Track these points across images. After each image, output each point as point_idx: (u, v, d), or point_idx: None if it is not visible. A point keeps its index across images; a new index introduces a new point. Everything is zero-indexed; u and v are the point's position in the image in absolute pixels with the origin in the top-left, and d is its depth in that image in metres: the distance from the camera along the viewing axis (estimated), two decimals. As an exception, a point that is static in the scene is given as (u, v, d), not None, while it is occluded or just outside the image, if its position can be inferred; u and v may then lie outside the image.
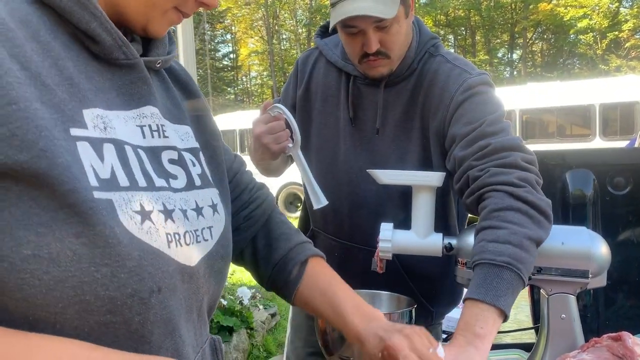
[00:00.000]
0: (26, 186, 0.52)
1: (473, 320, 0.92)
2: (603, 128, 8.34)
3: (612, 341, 0.97)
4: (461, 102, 1.19)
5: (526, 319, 2.00)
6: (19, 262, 0.51)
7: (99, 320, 0.56)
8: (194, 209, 0.69)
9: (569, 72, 24.78)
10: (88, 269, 0.54)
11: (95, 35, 0.62)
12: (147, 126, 0.67)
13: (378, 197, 1.31)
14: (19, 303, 0.52)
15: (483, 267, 0.96)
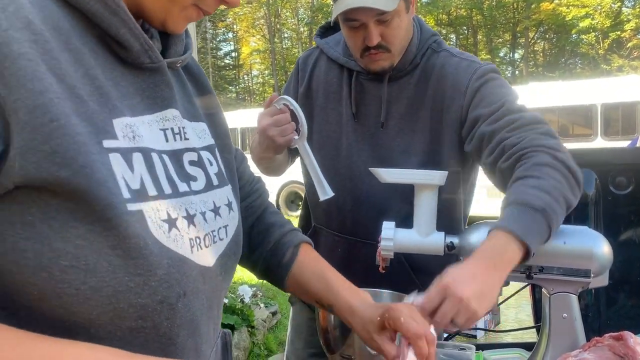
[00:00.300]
0: (64, 200, 0.53)
1: (496, 247, 0.94)
2: (605, 128, 8.32)
3: (613, 341, 0.97)
4: (477, 89, 1.23)
5: (527, 318, 2.01)
6: (58, 273, 0.53)
7: (131, 326, 0.58)
8: (212, 210, 0.71)
9: (571, 72, 24.75)
10: (122, 278, 0.56)
11: (124, 41, 0.62)
12: (169, 129, 0.68)
13: (382, 192, 1.30)
14: (57, 310, 0.54)
15: (519, 207, 0.98)
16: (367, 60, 1.29)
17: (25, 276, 0.53)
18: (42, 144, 0.51)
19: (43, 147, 0.51)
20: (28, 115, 0.51)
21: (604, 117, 8.33)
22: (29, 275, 0.53)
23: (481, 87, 1.23)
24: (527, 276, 1.06)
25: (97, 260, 0.55)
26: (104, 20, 0.60)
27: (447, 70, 1.28)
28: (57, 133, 0.52)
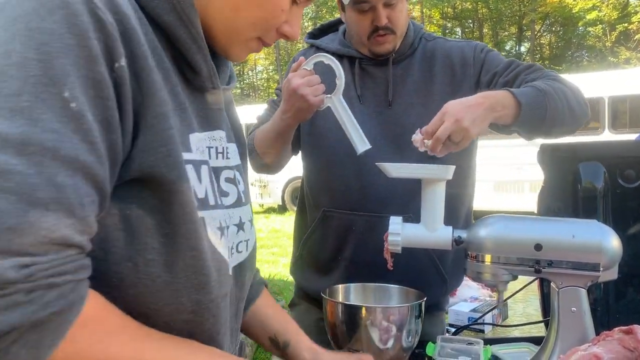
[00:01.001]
0: (160, 202, 0.61)
1: (494, 94, 1.19)
2: (612, 121, 8.26)
3: (623, 334, 0.96)
4: (484, 58, 1.41)
5: (535, 312, 2.00)
6: (142, 264, 0.60)
7: (184, 319, 0.65)
8: (236, 225, 0.77)
9: (578, 65, 24.56)
10: (190, 276, 0.64)
11: (197, 66, 0.70)
12: (214, 148, 0.75)
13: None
14: (128, 297, 0.60)
15: (524, 86, 1.24)
16: (373, 42, 1.40)
17: (110, 264, 0.59)
18: (160, 146, 0.60)
19: (160, 149, 0.60)
20: (153, 120, 0.60)
21: (612, 110, 8.26)
22: (114, 263, 0.59)
23: (486, 56, 1.41)
24: (535, 270, 1.06)
25: (175, 258, 0.62)
26: (184, 45, 0.67)
27: (452, 50, 1.44)
28: (171, 140, 0.61)
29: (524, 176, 8.02)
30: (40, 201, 0.49)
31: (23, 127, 0.49)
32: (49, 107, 0.51)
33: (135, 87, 0.59)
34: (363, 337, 1.13)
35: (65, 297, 0.51)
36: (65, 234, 0.51)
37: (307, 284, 1.50)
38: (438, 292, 1.47)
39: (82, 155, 0.53)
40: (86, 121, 0.53)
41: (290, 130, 1.37)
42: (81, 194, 0.52)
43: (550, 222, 1.11)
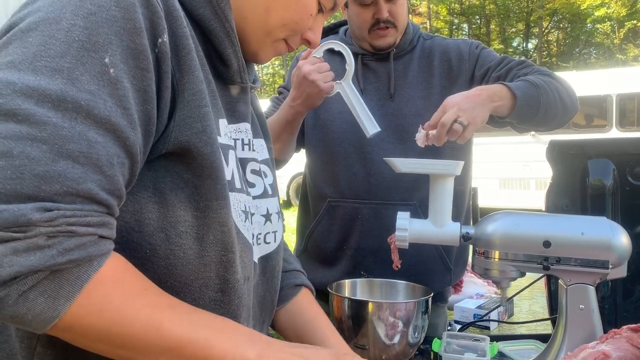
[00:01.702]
0: (193, 175, 0.63)
1: (490, 87, 1.25)
2: (620, 119, 8.20)
3: (632, 332, 0.96)
4: (478, 54, 1.48)
5: (541, 310, 1.99)
6: (174, 236, 0.63)
7: (212, 297, 0.67)
8: (263, 215, 0.80)
9: (585, 62, 24.39)
10: (219, 252, 0.66)
11: (228, 60, 0.73)
12: (240, 140, 0.78)
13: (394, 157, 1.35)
14: (159, 269, 0.63)
15: (518, 80, 1.29)
16: (374, 36, 1.44)
17: (144, 234, 0.62)
18: (196, 122, 0.63)
19: (195, 125, 0.63)
20: (191, 97, 0.63)
21: (619, 108, 8.20)
22: (147, 234, 0.62)
23: (480, 52, 1.48)
24: (544, 267, 1.05)
25: (206, 232, 0.64)
26: (218, 38, 0.71)
27: (448, 46, 1.51)
28: (206, 116, 0.64)
29: (530, 173, 7.99)
30: (70, 153, 0.52)
31: (61, 85, 0.52)
32: (88, 70, 0.54)
33: (175, 63, 0.62)
34: (369, 332, 1.13)
35: (85, 248, 0.52)
36: (91, 188, 0.53)
37: (312, 277, 1.50)
38: (443, 281, 1.49)
39: (115, 117, 0.55)
40: (122, 87, 0.56)
41: (299, 119, 1.39)
42: (110, 153, 0.55)
43: (559, 219, 1.10)
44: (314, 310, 0.97)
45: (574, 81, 6.19)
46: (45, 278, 0.50)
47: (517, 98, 1.23)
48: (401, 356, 1.16)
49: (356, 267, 1.42)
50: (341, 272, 1.42)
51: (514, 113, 1.25)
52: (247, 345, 0.63)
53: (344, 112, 1.44)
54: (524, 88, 1.25)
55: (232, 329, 0.64)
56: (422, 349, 1.30)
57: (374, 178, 1.42)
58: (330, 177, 1.46)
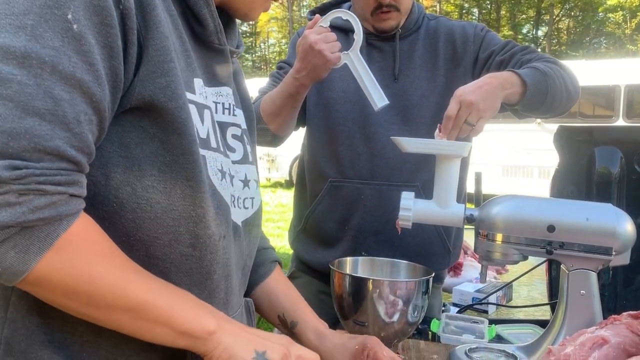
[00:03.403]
0: (159, 130, 0.64)
1: (501, 74, 1.24)
2: (627, 110, 8.14)
3: (632, 319, 0.96)
4: (483, 36, 1.46)
5: (539, 296, 2.00)
6: (140, 189, 0.63)
7: (182, 252, 0.68)
8: (242, 180, 0.80)
9: (595, 52, 24.14)
10: (188, 207, 0.66)
11: (203, 20, 0.73)
12: (220, 104, 0.79)
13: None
14: (128, 223, 0.64)
15: (525, 67, 1.29)
16: (377, 19, 1.41)
17: (110, 188, 0.63)
18: (160, 77, 0.63)
19: (159, 80, 0.63)
20: (154, 52, 0.63)
21: (627, 99, 8.14)
22: (114, 188, 0.63)
23: (485, 35, 1.46)
24: (547, 252, 1.05)
25: (173, 186, 0.65)
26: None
27: (454, 27, 1.49)
28: (171, 72, 0.64)
29: (533, 161, 7.97)
30: (36, 110, 0.52)
31: (25, 42, 0.53)
32: (51, 27, 0.54)
33: (140, 19, 0.62)
34: (369, 309, 1.14)
35: (55, 207, 0.54)
36: (59, 145, 0.54)
37: (310, 257, 1.50)
38: (442, 263, 1.49)
39: (80, 73, 0.55)
40: (87, 43, 0.56)
41: (302, 92, 1.35)
42: (77, 110, 0.55)
43: (564, 204, 1.09)
44: (289, 287, 1.02)
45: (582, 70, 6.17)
46: (16, 233, 0.52)
47: (527, 86, 1.22)
48: (400, 334, 1.17)
49: (357, 247, 1.41)
50: (341, 252, 1.41)
51: (523, 101, 1.24)
52: (208, 316, 0.66)
53: (347, 90, 1.43)
54: (533, 75, 1.24)
55: (194, 301, 0.66)
56: (420, 328, 1.31)
57: (378, 159, 1.41)
58: (333, 157, 1.44)
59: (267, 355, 0.67)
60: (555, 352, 0.96)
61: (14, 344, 0.63)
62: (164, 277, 0.66)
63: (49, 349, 0.64)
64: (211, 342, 0.65)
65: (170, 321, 0.62)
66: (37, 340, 0.64)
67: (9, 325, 0.64)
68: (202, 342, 0.65)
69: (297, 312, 0.98)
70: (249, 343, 0.67)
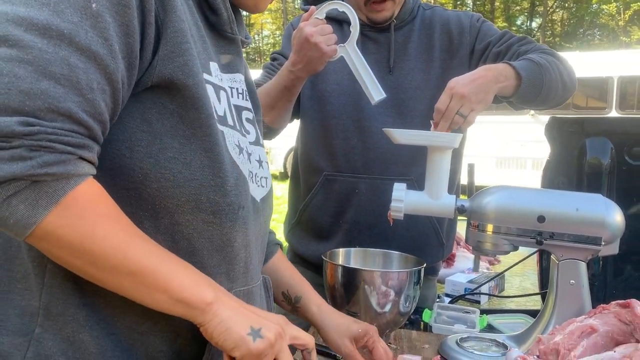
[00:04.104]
0: (178, 105, 0.69)
1: (496, 67, 1.24)
2: (620, 101, 8.17)
3: (620, 308, 0.97)
4: (479, 27, 1.46)
5: (531, 286, 2.01)
6: (162, 161, 0.68)
7: (204, 219, 0.72)
8: (257, 160, 0.85)
9: (589, 44, 24.16)
10: (207, 176, 0.71)
11: (217, 9, 0.78)
12: (235, 89, 0.84)
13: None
14: (152, 192, 0.68)
15: (520, 59, 1.29)
16: (371, 9, 1.40)
17: (135, 160, 0.67)
18: (178, 56, 0.68)
19: (178, 59, 0.68)
20: (172, 34, 0.68)
21: (620, 91, 8.16)
22: (139, 160, 0.68)
23: (481, 25, 1.46)
24: (537, 242, 1.06)
25: (193, 157, 0.70)
26: None
27: (449, 18, 1.48)
28: (188, 52, 0.69)
29: (527, 153, 7.99)
30: (52, 74, 0.57)
31: (47, 15, 0.58)
32: (72, 4, 0.59)
33: (159, 3, 0.67)
34: (361, 300, 1.14)
35: (64, 165, 0.58)
36: (71, 108, 0.58)
37: (304, 249, 1.51)
38: (436, 255, 1.50)
39: (95, 46, 0.60)
40: (103, 20, 0.61)
41: (298, 85, 1.34)
42: (91, 78, 0.60)
43: (555, 195, 1.10)
44: (291, 266, 1.07)
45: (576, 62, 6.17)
46: (26, 187, 0.56)
47: (522, 78, 1.22)
48: (392, 324, 1.18)
49: (351, 241, 1.42)
50: (335, 245, 1.41)
51: (517, 93, 1.24)
52: (207, 287, 0.68)
53: (342, 83, 1.42)
54: (528, 68, 1.24)
55: (195, 272, 0.69)
56: (412, 319, 1.32)
57: (372, 152, 1.40)
58: (327, 151, 1.44)
59: (262, 332, 0.68)
60: (545, 341, 0.97)
61: (51, 308, 0.67)
62: (188, 243, 0.71)
63: (84, 311, 0.68)
64: (208, 313, 0.66)
65: (168, 288, 0.64)
66: (73, 304, 0.68)
67: (46, 291, 0.68)
68: (199, 313, 0.66)
69: (300, 289, 1.03)
70: (246, 319, 0.69)
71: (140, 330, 0.71)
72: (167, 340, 0.73)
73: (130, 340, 0.70)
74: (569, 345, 0.92)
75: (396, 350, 1.16)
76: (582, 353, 0.91)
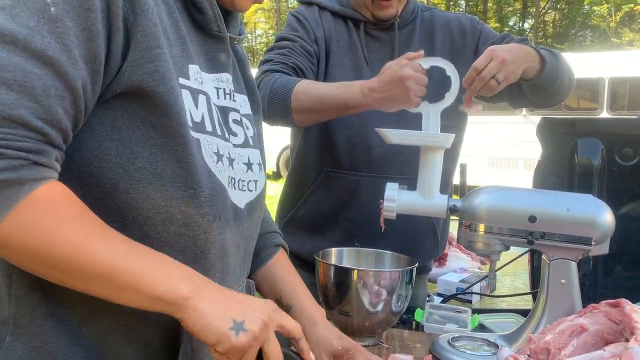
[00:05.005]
0: (149, 114, 0.66)
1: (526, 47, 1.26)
2: (611, 102, 8.23)
3: (610, 307, 0.98)
4: (480, 30, 1.49)
5: (522, 286, 2.03)
6: (132, 171, 0.66)
7: (176, 231, 0.70)
8: (245, 164, 0.82)
9: (580, 45, 24.31)
10: (179, 187, 0.68)
11: (202, 7, 0.76)
12: (222, 89, 0.81)
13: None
14: (121, 203, 0.66)
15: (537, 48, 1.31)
16: (377, 6, 1.40)
17: (104, 170, 0.65)
18: (148, 62, 0.65)
19: (148, 65, 0.65)
20: (142, 39, 0.65)
21: (611, 91, 8.23)
22: (107, 170, 0.65)
23: (482, 28, 1.49)
24: (528, 242, 1.06)
25: (164, 168, 0.67)
26: None
27: (449, 19, 1.49)
28: (159, 57, 0.66)
29: (519, 153, 8.03)
30: (4, 80, 0.55)
31: (2, 20, 0.56)
32: (29, 8, 0.57)
33: (128, 7, 0.64)
34: (353, 299, 1.14)
35: (15, 171, 0.56)
36: (23, 114, 0.56)
37: (298, 247, 1.50)
38: (430, 254, 1.51)
39: (52, 52, 0.58)
40: (63, 25, 0.59)
41: (362, 109, 1.26)
42: (47, 85, 0.57)
43: (546, 195, 1.11)
44: (290, 271, 1.02)
45: (568, 62, 5.99)
46: None
47: (546, 63, 1.26)
48: (384, 324, 1.18)
49: (349, 239, 1.41)
50: (332, 242, 1.40)
51: (539, 77, 1.28)
52: (181, 281, 0.64)
53: (347, 79, 1.39)
54: (549, 56, 1.30)
55: (167, 264, 0.66)
56: (404, 318, 1.32)
57: (375, 151, 1.40)
58: (329, 148, 1.43)
59: (246, 325, 0.65)
60: (536, 340, 0.97)
61: (19, 318, 0.66)
62: None
63: (51, 322, 0.66)
64: (187, 308, 0.64)
65: (140, 286, 0.62)
66: (40, 314, 0.66)
67: (14, 301, 0.66)
68: (177, 308, 0.64)
69: (293, 297, 0.98)
70: (228, 311, 0.65)
71: (109, 340, 0.69)
72: (137, 350, 0.71)
73: (99, 350, 0.69)
74: (560, 345, 0.93)
75: (388, 350, 1.16)
76: (573, 352, 0.91)
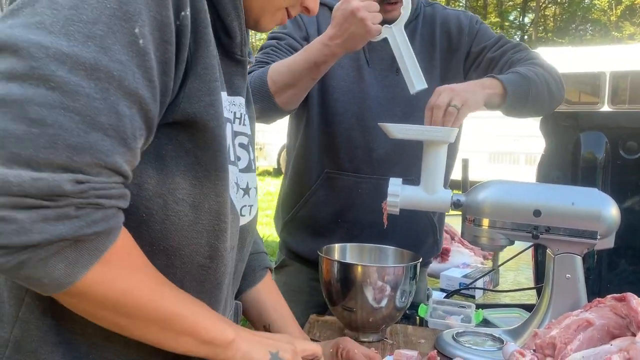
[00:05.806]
0: (195, 146, 0.64)
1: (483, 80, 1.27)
2: (612, 96, 8.21)
3: (616, 302, 0.97)
4: (477, 29, 1.47)
5: (526, 281, 2.02)
6: (171, 202, 0.64)
7: (200, 262, 0.69)
8: (243, 189, 0.81)
9: (581, 39, 24.25)
10: (212, 221, 0.67)
11: (232, 32, 0.73)
12: (233, 113, 0.78)
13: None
14: (154, 234, 0.65)
15: (508, 71, 1.31)
16: (382, 11, 1.33)
17: (142, 199, 0.63)
18: (205, 95, 0.63)
19: (204, 98, 0.63)
20: (203, 70, 0.64)
21: (612, 85, 8.21)
22: (146, 199, 0.63)
23: (479, 27, 1.47)
24: (533, 236, 1.06)
25: (202, 201, 0.66)
26: (226, 9, 0.71)
27: (449, 16, 1.48)
28: (215, 91, 0.65)
29: (520, 148, 8.02)
30: (101, 125, 0.52)
31: (94, 53, 0.52)
32: (119, 40, 0.54)
33: (192, 37, 0.63)
34: (357, 295, 1.14)
35: (108, 220, 0.55)
36: (117, 161, 0.54)
37: (299, 246, 1.49)
38: (431, 252, 1.52)
39: (142, 89, 0.56)
40: (150, 59, 0.56)
41: (330, 61, 1.25)
42: (135, 127, 0.56)
43: (550, 189, 1.10)
44: (279, 300, 1.03)
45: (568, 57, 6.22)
46: (67, 246, 0.52)
47: (507, 90, 1.24)
48: (388, 319, 1.18)
49: (351, 240, 1.40)
50: (332, 242, 1.40)
51: (505, 103, 1.26)
52: (226, 325, 0.69)
53: (347, 79, 1.40)
54: (515, 82, 1.26)
55: (212, 312, 0.69)
56: (408, 313, 1.32)
57: (376, 152, 1.39)
58: (329, 148, 1.42)
59: (280, 355, 0.73)
60: (541, 335, 0.97)
61: (23, 344, 0.64)
62: (179, 286, 0.67)
63: (60, 350, 0.64)
64: (231, 349, 0.68)
65: (195, 331, 0.65)
66: (49, 342, 0.64)
67: (20, 326, 0.64)
68: (222, 350, 0.68)
69: (282, 324, 1.00)
70: (263, 346, 0.72)
71: None
72: None
73: None
74: (566, 339, 0.92)
75: (392, 346, 1.16)
76: (579, 347, 0.91)
